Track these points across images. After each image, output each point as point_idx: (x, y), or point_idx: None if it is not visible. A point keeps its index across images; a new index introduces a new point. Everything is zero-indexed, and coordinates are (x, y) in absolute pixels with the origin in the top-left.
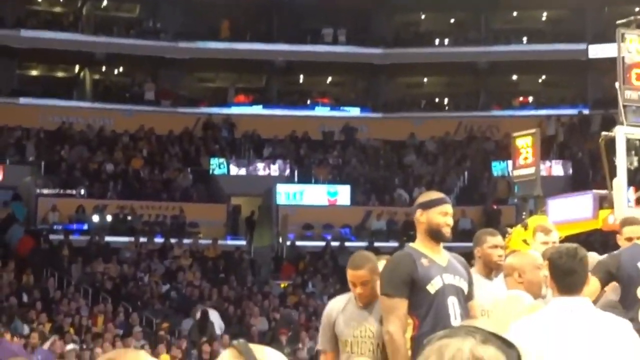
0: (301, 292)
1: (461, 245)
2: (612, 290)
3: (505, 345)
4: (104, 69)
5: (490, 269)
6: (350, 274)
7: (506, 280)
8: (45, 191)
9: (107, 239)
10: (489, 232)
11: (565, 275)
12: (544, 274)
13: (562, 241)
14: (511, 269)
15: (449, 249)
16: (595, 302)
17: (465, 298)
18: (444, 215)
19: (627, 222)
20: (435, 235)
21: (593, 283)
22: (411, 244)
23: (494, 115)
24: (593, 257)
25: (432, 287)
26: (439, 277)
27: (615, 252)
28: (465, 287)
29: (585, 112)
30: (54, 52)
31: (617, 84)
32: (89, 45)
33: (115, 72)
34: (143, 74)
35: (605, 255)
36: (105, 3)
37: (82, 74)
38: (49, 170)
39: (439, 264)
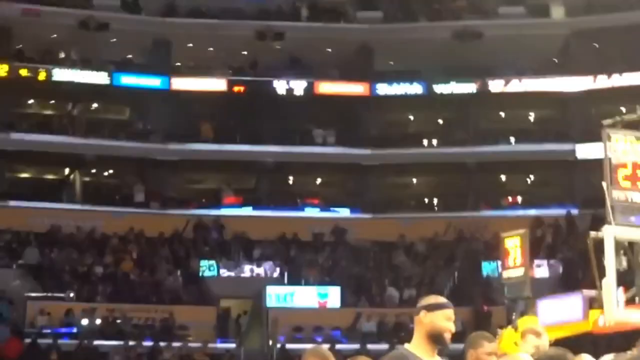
0: None
1: (450, 347)
2: None
3: None
4: (93, 171)
5: None
6: None
7: None
8: (34, 294)
9: (96, 342)
10: (487, 337)
11: None
12: None
13: (552, 343)
14: None
15: None
16: None
17: None
18: (447, 320)
19: None
20: (436, 339)
21: None
22: (406, 346)
23: (483, 216)
24: None
25: None
26: None
27: (628, 354)
28: None
29: (574, 211)
30: (44, 155)
31: (604, 184)
32: (79, 148)
33: (105, 174)
34: (132, 176)
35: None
36: (95, 106)
37: (71, 176)
38: (38, 273)
39: None
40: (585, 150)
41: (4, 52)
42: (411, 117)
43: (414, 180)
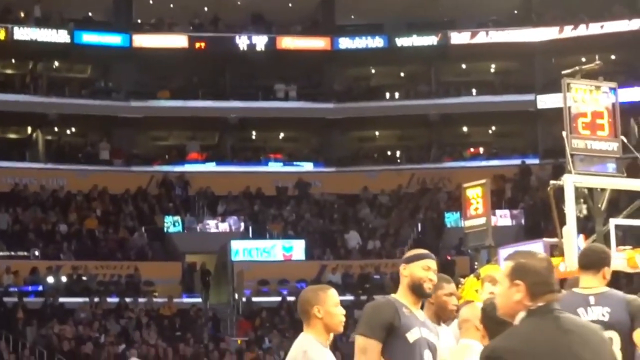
0: (257, 349)
1: None
2: None
3: None
4: (56, 129)
5: (440, 317)
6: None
7: (463, 329)
8: None
9: (62, 300)
10: (445, 279)
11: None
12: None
13: None
14: (471, 319)
15: None
16: None
17: (435, 355)
18: (426, 270)
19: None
20: (416, 289)
21: None
22: (392, 295)
23: (446, 167)
24: None
25: (411, 336)
26: (417, 328)
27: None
28: (437, 344)
29: (536, 161)
30: (6, 114)
31: (564, 133)
32: (41, 107)
33: (68, 132)
34: (96, 134)
35: None
36: (56, 64)
37: (34, 135)
38: (3, 232)
39: (418, 317)
40: (547, 101)
41: None
42: (373, 71)
43: (377, 133)
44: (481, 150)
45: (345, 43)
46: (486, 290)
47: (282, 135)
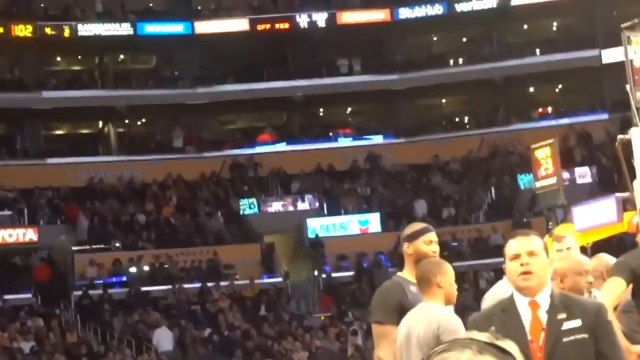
0: (340, 323)
1: (494, 261)
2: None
3: (501, 352)
4: (126, 121)
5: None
6: None
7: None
8: (81, 247)
9: (146, 288)
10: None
11: None
12: (586, 280)
13: (592, 246)
14: (554, 274)
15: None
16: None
17: None
18: (428, 244)
19: None
20: None
21: (619, 284)
22: (399, 274)
23: (515, 129)
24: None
25: None
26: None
27: (635, 250)
28: None
29: (605, 116)
30: (76, 110)
31: (627, 87)
32: (110, 100)
33: (138, 123)
34: (165, 123)
35: (624, 255)
36: (121, 57)
37: (106, 128)
38: (82, 226)
39: None
40: (611, 55)
41: (28, 12)
42: (435, 38)
43: (444, 100)
44: (549, 109)
45: (404, 12)
46: (554, 248)
47: (348, 109)
